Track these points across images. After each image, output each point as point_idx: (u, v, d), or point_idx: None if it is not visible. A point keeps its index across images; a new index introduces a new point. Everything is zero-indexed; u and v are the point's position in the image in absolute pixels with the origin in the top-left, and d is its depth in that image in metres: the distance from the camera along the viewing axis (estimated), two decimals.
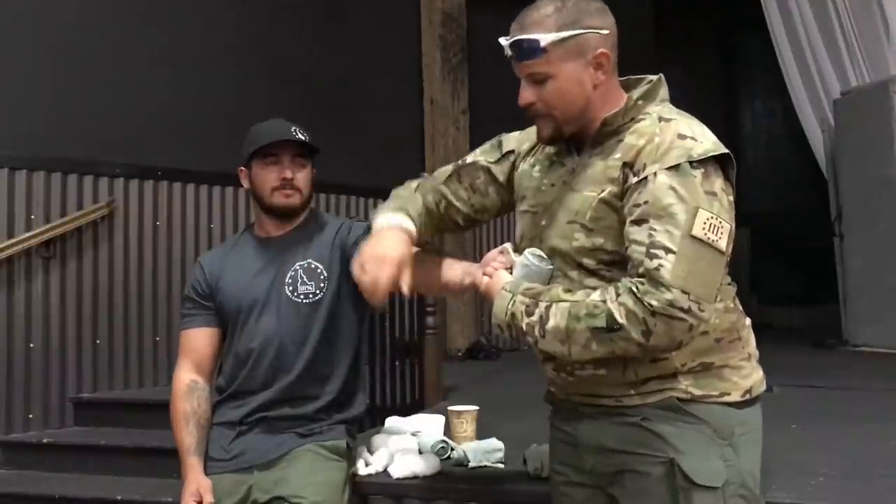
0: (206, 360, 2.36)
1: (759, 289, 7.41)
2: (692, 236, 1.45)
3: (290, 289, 2.30)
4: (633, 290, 1.44)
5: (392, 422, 2.72)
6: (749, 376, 1.63)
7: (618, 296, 1.46)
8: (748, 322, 1.69)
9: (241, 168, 2.39)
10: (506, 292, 1.61)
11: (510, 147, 1.83)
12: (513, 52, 1.59)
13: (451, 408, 2.62)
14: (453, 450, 2.41)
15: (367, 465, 2.47)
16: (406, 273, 1.68)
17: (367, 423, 3.07)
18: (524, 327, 1.56)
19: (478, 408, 2.61)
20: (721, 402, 1.58)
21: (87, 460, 3.57)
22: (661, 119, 1.56)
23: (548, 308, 1.53)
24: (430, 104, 6.00)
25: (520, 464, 2.39)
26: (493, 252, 1.72)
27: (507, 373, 4.94)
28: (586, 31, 1.56)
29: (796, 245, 7.33)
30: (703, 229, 1.45)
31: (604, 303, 1.47)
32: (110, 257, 4.23)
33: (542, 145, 1.74)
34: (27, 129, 3.95)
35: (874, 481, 2.39)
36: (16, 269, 3.89)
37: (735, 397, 1.59)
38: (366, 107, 5.45)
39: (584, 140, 1.64)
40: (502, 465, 2.43)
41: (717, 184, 1.50)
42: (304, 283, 2.30)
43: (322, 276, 2.31)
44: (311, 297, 2.29)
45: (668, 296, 1.42)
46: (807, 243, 6.95)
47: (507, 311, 1.59)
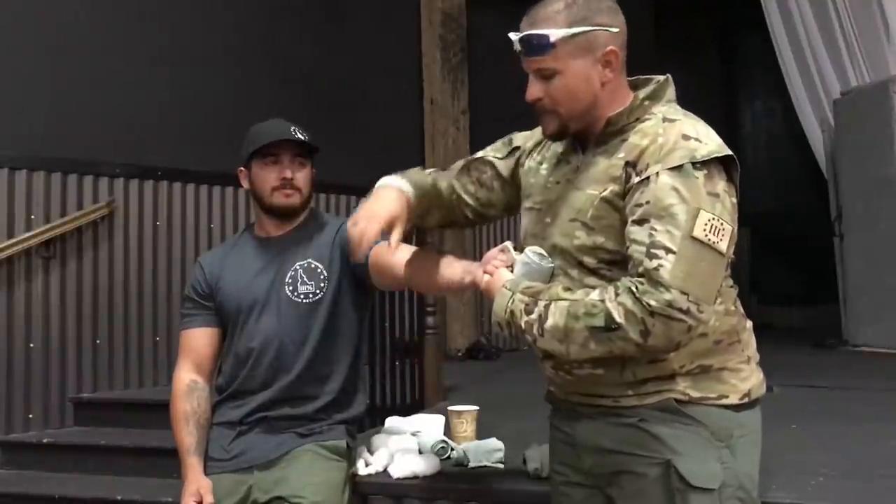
0: (206, 360, 2.36)
1: (759, 289, 7.40)
2: (693, 237, 1.44)
3: (290, 288, 2.30)
4: (633, 289, 1.44)
5: (392, 422, 2.72)
6: (748, 379, 1.62)
7: (617, 295, 1.46)
8: (749, 325, 1.68)
9: (241, 168, 2.39)
10: (506, 290, 1.61)
11: (517, 144, 1.84)
12: (522, 48, 1.59)
13: (451, 408, 2.62)
14: (453, 450, 2.40)
15: (367, 465, 2.47)
16: (396, 230, 1.68)
17: (367, 423, 3.07)
18: (523, 325, 1.56)
19: (478, 408, 2.60)
20: (719, 404, 1.57)
21: (87, 460, 3.57)
22: (665, 119, 1.56)
23: (547, 307, 1.53)
24: (430, 104, 5.99)
25: (520, 464, 2.39)
26: (493, 250, 1.72)
27: (507, 373, 4.94)
28: (596, 29, 1.56)
29: (796, 245, 7.32)
30: (704, 230, 1.45)
31: (602, 302, 1.47)
32: (110, 257, 4.22)
33: (548, 143, 1.74)
34: (27, 129, 3.95)
35: (874, 481, 2.38)
36: (16, 269, 3.89)
37: (733, 400, 1.58)
38: (366, 107, 5.45)
39: (590, 138, 1.64)
40: (502, 465, 2.42)
41: (720, 185, 1.50)
42: (304, 283, 2.30)
43: (322, 276, 2.31)
44: (311, 296, 2.29)
45: (667, 296, 1.42)
46: (807, 243, 6.94)
47: (506, 309, 1.59)
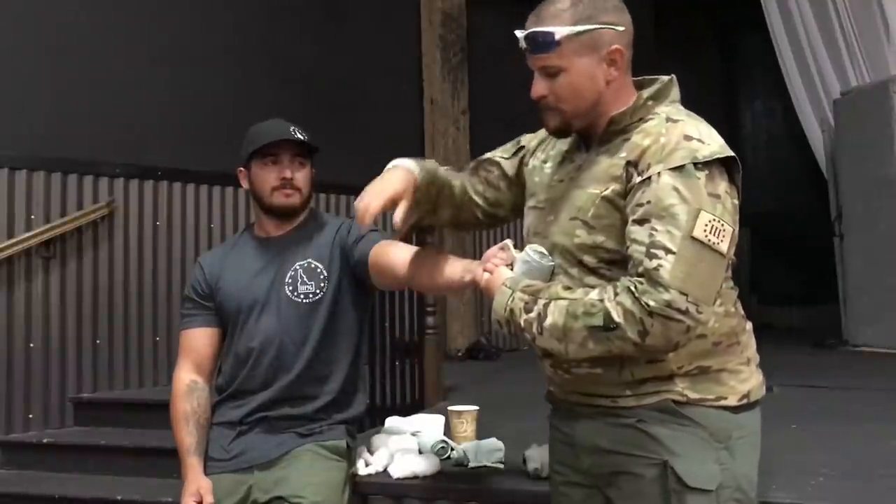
0: (205, 360, 2.36)
1: (759, 289, 7.40)
2: (693, 238, 1.44)
3: (290, 288, 2.30)
4: (632, 289, 1.44)
5: (392, 422, 2.72)
6: (747, 381, 1.61)
7: (616, 295, 1.46)
8: (749, 326, 1.68)
9: (241, 168, 2.39)
10: (506, 288, 1.61)
11: (522, 143, 1.85)
12: (527, 45, 1.59)
13: (451, 408, 2.62)
14: (453, 450, 2.40)
15: (367, 465, 2.47)
16: (401, 207, 1.70)
17: (367, 423, 3.07)
18: (522, 324, 1.56)
19: (478, 408, 2.60)
20: (717, 405, 1.57)
21: (87, 460, 3.57)
22: (668, 119, 1.56)
23: (546, 305, 1.53)
24: (430, 104, 5.99)
25: (520, 464, 2.39)
26: (493, 248, 1.72)
27: (507, 373, 4.94)
28: (601, 27, 1.56)
29: (796, 245, 7.32)
30: (705, 231, 1.45)
31: (601, 301, 1.47)
32: (110, 257, 4.23)
33: (552, 142, 1.74)
34: (27, 129, 3.95)
35: (874, 481, 2.38)
36: (16, 269, 3.89)
37: (732, 401, 1.58)
38: (366, 107, 5.45)
39: (593, 137, 1.64)
40: (502, 465, 2.42)
41: (722, 186, 1.49)
42: (303, 283, 2.30)
43: (322, 276, 2.31)
44: (311, 296, 2.29)
45: (666, 296, 1.41)
46: (807, 243, 6.94)
47: (506, 307, 1.59)
